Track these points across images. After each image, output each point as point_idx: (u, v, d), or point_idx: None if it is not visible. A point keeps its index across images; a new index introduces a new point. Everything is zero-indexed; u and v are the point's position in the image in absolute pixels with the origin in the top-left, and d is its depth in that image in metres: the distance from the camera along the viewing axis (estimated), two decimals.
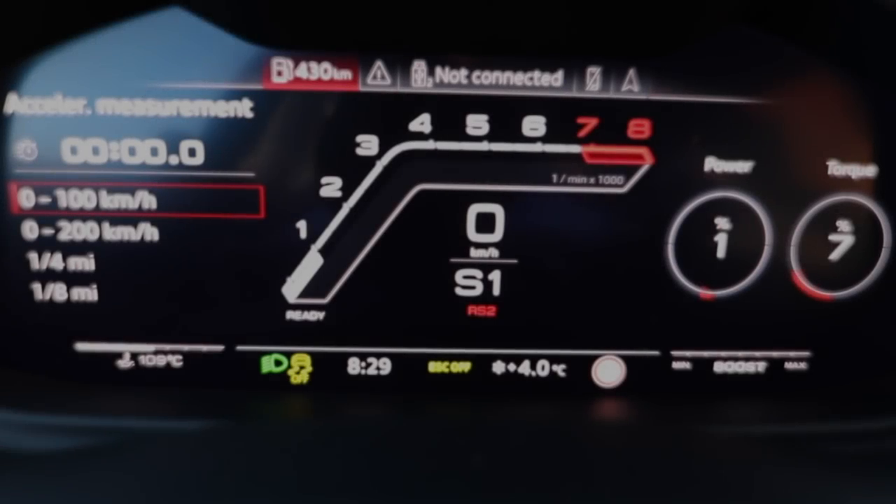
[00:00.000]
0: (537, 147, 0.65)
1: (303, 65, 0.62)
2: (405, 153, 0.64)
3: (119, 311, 0.67)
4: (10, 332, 0.67)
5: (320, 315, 0.68)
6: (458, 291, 0.68)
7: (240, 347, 0.68)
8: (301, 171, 0.65)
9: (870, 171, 0.66)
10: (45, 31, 0.61)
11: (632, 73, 0.63)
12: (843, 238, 0.67)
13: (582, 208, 0.66)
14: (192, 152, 0.64)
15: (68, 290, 0.66)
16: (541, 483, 0.47)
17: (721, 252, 0.67)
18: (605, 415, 0.68)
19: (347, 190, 0.65)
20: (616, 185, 0.66)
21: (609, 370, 0.70)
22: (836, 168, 0.66)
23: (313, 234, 0.66)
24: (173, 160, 0.64)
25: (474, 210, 0.66)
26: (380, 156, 0.64)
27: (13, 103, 0.62)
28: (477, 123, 0.64)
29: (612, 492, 0.47)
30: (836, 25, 0.62)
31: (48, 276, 0.66)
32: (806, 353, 0.70)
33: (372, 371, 0.69)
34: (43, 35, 0.61)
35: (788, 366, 0.70)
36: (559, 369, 0.70)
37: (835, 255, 0.68)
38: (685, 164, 0.66)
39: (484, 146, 0.64)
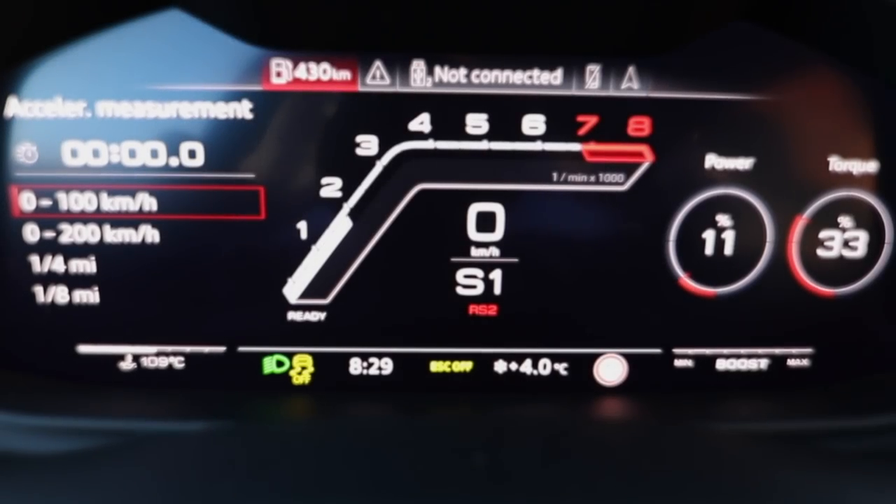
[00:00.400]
0: (537, 146, 0.65)
1: (302, 65, 0.62)
2: (405, 153, 0.64)
3: (121, 313, 0.67)
4: (12, 335, 0.67)
5: (321, 315, 0.68)
6: (459, 291, 0.67)
7: (241, 348, 0.68)
8: (301, 172, 0.65)
9: (871, 166, 0.66)
10: (45, 33, 0.61)
11: (631, 70, 0.63)
12: (845, 234, 0.67)
13: (582, 206, 0.66)
14: (192, 154, 0.64)
15: (70, 293, 0.66)
16: (543, 482, 0.47)
17: (722, 249, 0.67)
18: (608, 413, 0.68)
19: (347, 190, 0.65)
20: (616, 183, 0.65)
21: (611, 368, 0.70)
22: (837, 164, 0.66)
23: (314, 235, 0.66)
24: (173, 162, 0.64)
25: (475, 209, 0.66)
26: (380, 156, 0.64)
27: (13, 106, 0.62)
28: (476, 122, 0.64)
29: (615, 491, 0.47)
30: (836, 20, 0.61)
31: (50, 278, 0.66)
32: (808, 350, 0.70)
33: (374, 371, 0.69)
34: (42, 38, 0.61)
35: (791, 362, 0.70)
36: (561, 368, 0.70)
37: (836, 252, 0.68)
38: (685, 162, 0.65)
39: (484, 145, 0.64)
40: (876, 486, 0.51)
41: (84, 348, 0.68)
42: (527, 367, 0.70)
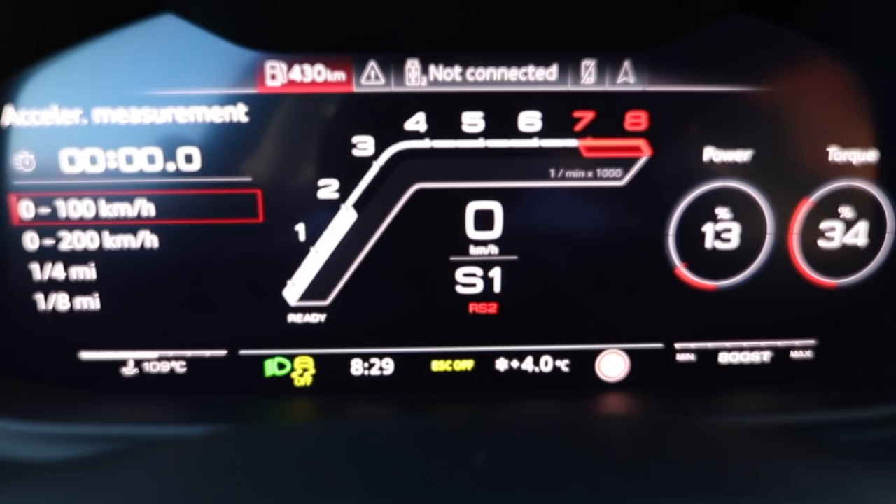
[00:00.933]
0: (534, 142, 0.64)
1: (296, 67, 0.62)
2: (401, 153, 0.64)
3: (122, 319, 0.67)
4: (14, 342, 0.67)
5: (322, 317, 0.68)
6: (459, 289, 0.67)
7: (243, 352, 0.68)
8: (298, 174, 0.65)
9: (871, 156, 0.65)
10: (40, 42, 0.61)
11: (627, 64, 0.63)
12: (846, 225, 0.67)
13: (581, 202, 0.66)
14: (188, 159, 0.64)
15: (71, 300, 0.67)
16: (547, 480, 0.47)
17: (722, 242, 0.67)
18: (610, 409, 0.68)
19: (345, 191, 0.65)
20: (614, 178, 0.65)
21: (613, 364, 0.70)
22: (836, 154, 0.65)
23: (312, 237, 0.66)
24: (170, 167, 0.64)
25: (472, 207, 0.65)
26: (376, 156, 0.64)
27: (10, 115, 0.62)
28: (472, 120, 0.64)
29: (618, 487, 0.47)
30: (831, 8, 0.61)
31: (50, 286, 0.66)
32: (811, 342, 0.70)
33: (375, 371, 0.69)
34: (37, 47, 0.61)
35: (794, 355, 0.70)
36: (562, 365, 0.70)
37: (838, 242, 0.67)
38: (683, 155, 0.65)
39: (480, 143, 0.64)
40: (881, 476, 0.51)
41: (86, 355, 0.68)
42: (528, 364, 0.70)
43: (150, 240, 0.65)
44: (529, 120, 0.64)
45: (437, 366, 0.69)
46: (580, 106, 0.64)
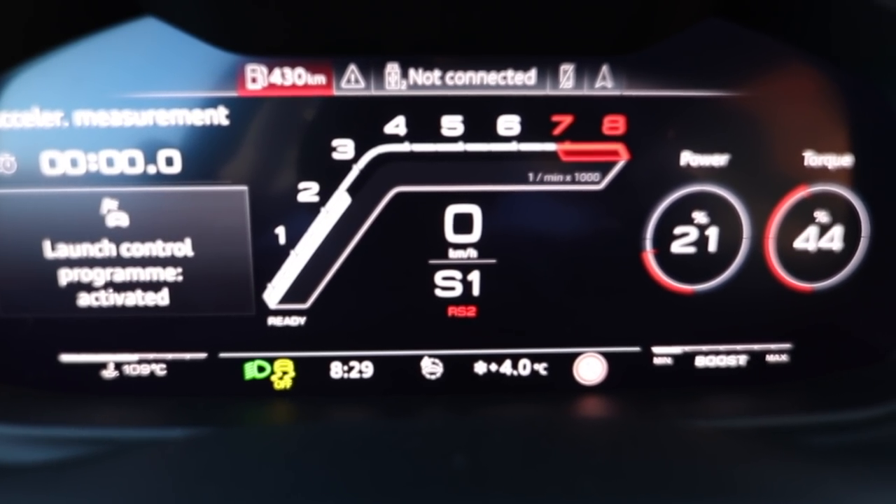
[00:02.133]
0: (513, 146, 0.65)
1: (277, 71, 0.63)
2: (381, 156, 0.65)
3: (102, 322, 0.67)
4: None
5: (301, 320, 0.68)
6: (438, 293, 0.68)
7: (222, 354, 0.69)
8: (278, 177, 0.65)
9: (846, 160, 0.66)
10: (21, 45, 0.61)
11: (605, 69, 0.64)
12: (822, 229, 0.67)
13: (559, 206, 0.66)
14: (169, 161, 0.64)
15: (51, 302, 0.66)
16: (524, 482, 0.48)
17: (699, 246, 0.67)
18: (588, 412, 0.69)
19: (325, 194, 0.65)
20: (592, 182, 0.66)
21: (590, 367, 0.70)
22: (812, 159, 0.66)
23: (292, 240, 0.66)
24: (151, 170, 0.64)
25: (452, 211, 0.66)
26: (356, 159, 0.65)
27: None
28: (452, 124, 0.64)
29: (595, 489, 0.47)
30: (808, 15, 0.62)
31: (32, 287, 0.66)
32: (787, 346, 0.70)
33: (354, 374, 0.70)
34: (19, 49, 0.61)
35: (770, 358, 0.70)
36: (541, 368, 0.70)
37: (813, 247, 0.68)
38: (661, 159, 0.65)
39: (459, 147, 0.65)
40: (855, 479, 0.51)
41: (66, 357, 0.68)
42: (507, 367, 0.70)
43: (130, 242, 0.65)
44: (508, 124, 0.64)
45: (417, 369, 0.70)
46: (559, 110, 0.64)
